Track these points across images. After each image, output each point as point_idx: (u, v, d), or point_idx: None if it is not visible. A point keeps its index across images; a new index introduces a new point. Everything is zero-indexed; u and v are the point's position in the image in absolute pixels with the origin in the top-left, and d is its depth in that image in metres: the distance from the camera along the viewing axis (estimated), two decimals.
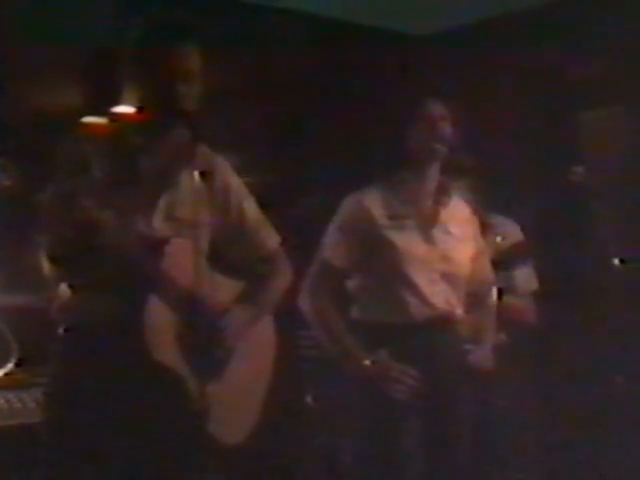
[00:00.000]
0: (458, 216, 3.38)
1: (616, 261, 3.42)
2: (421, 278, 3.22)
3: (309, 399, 4.29)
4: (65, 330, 2.62)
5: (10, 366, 3.84)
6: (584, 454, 4.02)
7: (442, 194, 3.34)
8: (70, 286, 2.57)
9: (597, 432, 3.98)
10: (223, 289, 2.69)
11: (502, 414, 3.68)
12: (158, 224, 2.63)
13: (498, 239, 3.73)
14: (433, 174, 3.33)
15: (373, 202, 3.28)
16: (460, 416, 3.24)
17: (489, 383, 3.45)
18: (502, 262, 3.68)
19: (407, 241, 3.25)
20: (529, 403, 3.84)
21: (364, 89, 5.13)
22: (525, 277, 3.98)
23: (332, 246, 3.30)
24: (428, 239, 3.28)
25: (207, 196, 2.68)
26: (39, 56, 4.25)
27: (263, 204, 2.92)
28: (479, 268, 3.40)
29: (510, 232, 3.96)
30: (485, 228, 3.59)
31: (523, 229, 3.99)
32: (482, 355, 3.32)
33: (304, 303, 3.29)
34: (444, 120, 3.26)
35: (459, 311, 3.28)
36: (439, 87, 3.41)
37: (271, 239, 2.91)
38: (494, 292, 3.48)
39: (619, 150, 4.79)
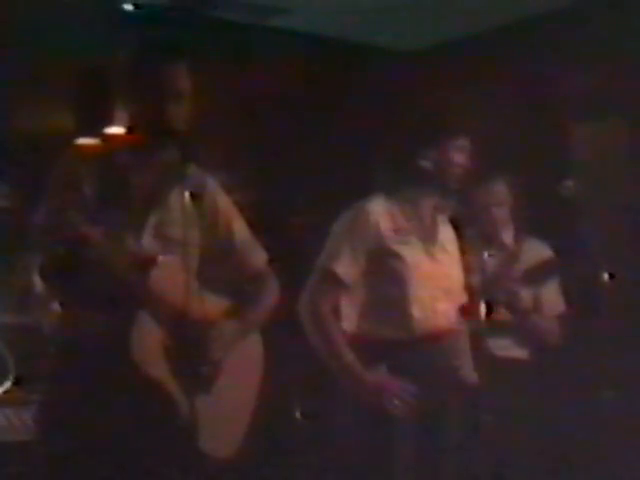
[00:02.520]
0: (448, 235, 3.39)
1: (605, 276, 3.45)
2: (425, 294, 3.22)
3: (298, 414, 4.29)
4: (57, 347, 2.67)
5: (8, 384, 3.87)
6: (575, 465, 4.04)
7: (438, 213, 3.35)
8: (61, 303, 2.61)
9: (586, 446, 4.00)
10: (211, 306, 2.71)
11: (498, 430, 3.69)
12: (147, 242, 2.67)
13: (485, 255, 3.76)
14: (431, 193, 3.33)
15: (379, 213, 3.25)
16: (459, 431, 3.23)
17: (483, 398, 3.46)
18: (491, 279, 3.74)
19: (413, 256, 3.24)
20: (519, 417, 3.85)
21: (355, 107, 5.15)
22: (552, 298, 4.01)
23: (335, 254, 3.21)
24: (430, 256, 3.29)
25: (196, 215, 2.71)
26: (31, 77, 4.28)
27: (252, 223, 2.95)
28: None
29: (540, 254, 3.97)
30: (467, 247, 3.61)
31: None
32: (469, 370, 3.33)
33: (304, 313, 3.21)
34: (464, 150, 3.27)
35: (458, 327, 3.28)
36: (462, 119, 3.41)
37: (259, 258, 2.94)
38: (482, 307, 3.48)
39: (612, 163, 4.81)
